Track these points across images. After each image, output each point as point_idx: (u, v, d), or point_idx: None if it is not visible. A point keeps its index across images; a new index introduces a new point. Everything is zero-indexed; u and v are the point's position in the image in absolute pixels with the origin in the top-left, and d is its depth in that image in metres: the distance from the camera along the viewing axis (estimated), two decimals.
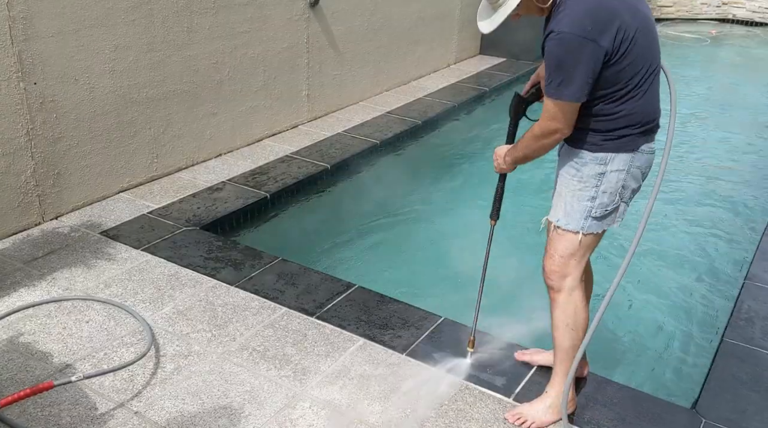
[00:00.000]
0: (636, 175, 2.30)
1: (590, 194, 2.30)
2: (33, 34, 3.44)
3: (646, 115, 2.24)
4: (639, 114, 2.22)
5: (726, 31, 10.90)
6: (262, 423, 2.42)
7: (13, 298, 3.07)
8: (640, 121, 2.23)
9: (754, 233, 4.32)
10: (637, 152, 2.25)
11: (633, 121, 2.22)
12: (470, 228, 4.34)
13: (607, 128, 2.23)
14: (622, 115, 2.21)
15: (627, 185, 2.30)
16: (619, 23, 2.09)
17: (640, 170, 2.31)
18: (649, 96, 2.23)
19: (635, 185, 2.33)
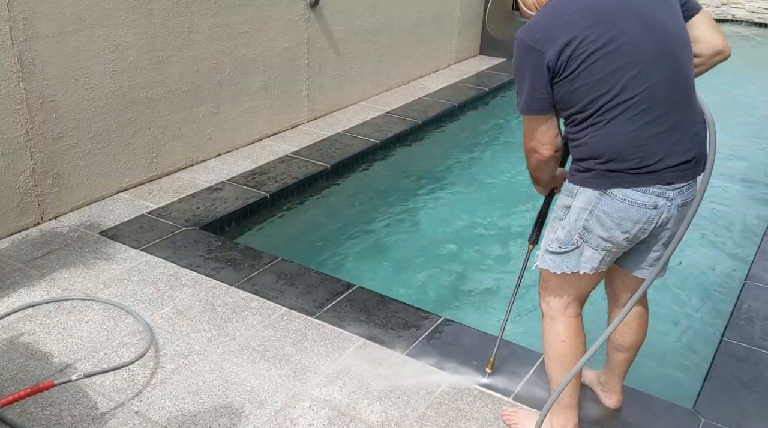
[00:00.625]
0: (605, 222, 1.98)
1: (554, 226, 2.13)
2: (33, 35, 3.44)
3: (615, 150, 1.91)
4: (602, 146, 1.92)
5: (725, 30, 10.90)
6: (263, 423, 2.42)
7: (12, 298, 3.07)
8: (603, 154, 1.93)
9: (755, 232, 4.32)
10: (604, 193, 1.96)
11: (596, 153, 1.94)
12: (470, 229, 4.35)
13: (575, 156, 2.02)
14: (582, 143, 1.96)
15: (590, 228, 2.01)
16: (572, 36, 1.86)
17: (611, 219, 1.97)
18: (625, 127, 1.89)
19: (605, 234, 2.00)
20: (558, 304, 2.22)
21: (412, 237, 4.19)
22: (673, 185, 1.97)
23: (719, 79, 8.18)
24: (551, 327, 2.24)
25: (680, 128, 1.95)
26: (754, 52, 9.90)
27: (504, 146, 5.86)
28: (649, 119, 1.90)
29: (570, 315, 2.22)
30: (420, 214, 4.51)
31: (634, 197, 1.95)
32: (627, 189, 1.95)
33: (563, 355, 2.21)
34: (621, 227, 1.99)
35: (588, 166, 1.98)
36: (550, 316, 2.24)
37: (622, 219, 1.98)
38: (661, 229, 2.04)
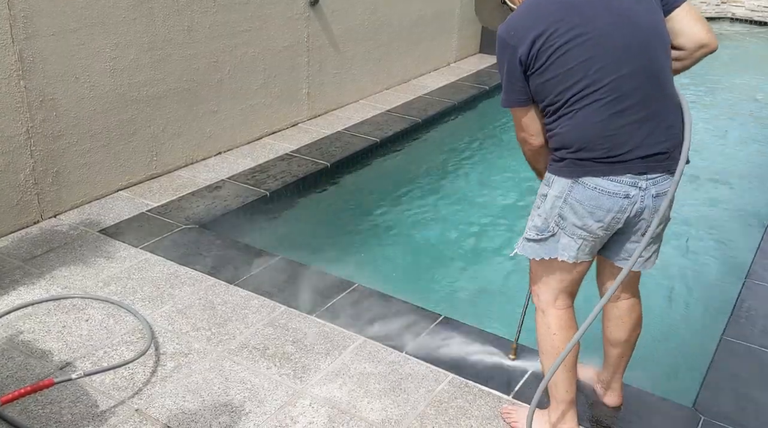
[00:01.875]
0: (578, 210, 2.04)
1: (533, 214, 2.19)
2: (34, 33, 3.44)
3: (584, 140, 1.97)
4: (572, 136, 1.98)
5: (724, 29, 10.90)
6: (263, 421, 2.43)
7: (12, 296, 3.07)
8: (573, 144, 1.99)
9: (755, 230, 4.32)
10: (576, 182, 2.01)
11: (567, 142, 2.00)
12: (471, 227, 4.35)
13: (551, 145, 2.09)
14: (556, 133, 2.03)
15: (564, 215, 2.07)
16: (542, 30, 1.93)
17: (583, 207, 2.02)
18: (593, 117, 1.94)
19: (578, 222, 2.05)
20: (547, 296, 2.25)
21: (413, 235, 4.19)
22: (645, 176, 2.01)
23: (719, 78, 8.18)
24: (543, 320, 2.26)
25: (653, 120, 1.98)
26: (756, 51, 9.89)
27: (504, 144, 5.86)
28: (618, 109, 1.95)
29: (560, 308, 2.25)
30: (420, 212, 4.51)
31: (604, 186, 2.00)
32: (597, 178, 2.00)
33: (555, 348, 2.23)
34: (594, 215, 2.04)
35: (561, 155, 2.05)
36: (541, 309, 2.27)
37: (593, 207, 2.02)
38: (636, 219, 2.08)
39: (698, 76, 8.24)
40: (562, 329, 2.23)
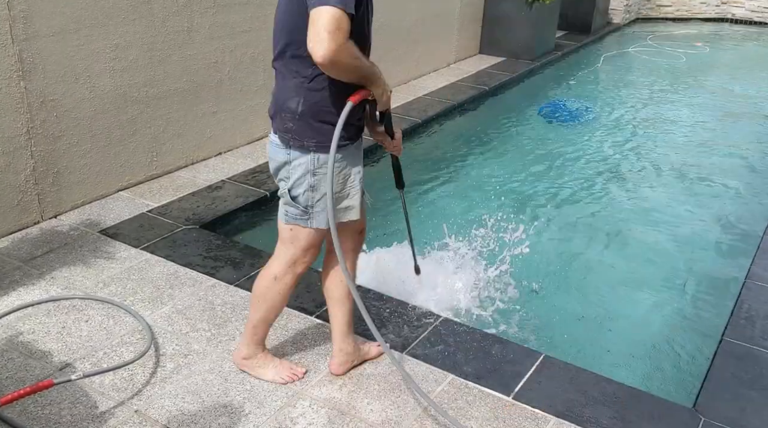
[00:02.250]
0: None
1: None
2: (33, 33, 3.44)
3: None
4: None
5: (724, 30, 10.90)
6: (262, 422, 2.42)
7: (12, 297, 3.07)
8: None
9: (755, 231, 4.32)
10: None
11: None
12: (469, 227, 4.35)
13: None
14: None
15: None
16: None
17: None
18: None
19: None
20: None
21: (415, 234, 4.18)
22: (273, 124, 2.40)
23: (719, 80, 8.19)
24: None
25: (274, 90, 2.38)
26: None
27: (504, 145, 5.87)
28: (277, 69, 2.35)
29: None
30: (420, 212, 4.50)
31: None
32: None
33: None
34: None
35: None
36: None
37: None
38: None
39: (698, 76, 8.25)
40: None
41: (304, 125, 2.27)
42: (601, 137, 6.12)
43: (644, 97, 7.37)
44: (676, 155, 5.77)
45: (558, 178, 5.22)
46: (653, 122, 6.58)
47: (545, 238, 4.26)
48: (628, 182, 5.18)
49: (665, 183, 5.17)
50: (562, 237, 4.28)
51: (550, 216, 4.58)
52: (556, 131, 6.20)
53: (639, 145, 5.96)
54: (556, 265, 3.95)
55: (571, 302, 3.60)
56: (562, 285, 3.76)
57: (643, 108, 6.99)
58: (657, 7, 11.27)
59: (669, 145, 6.00)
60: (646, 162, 5.57)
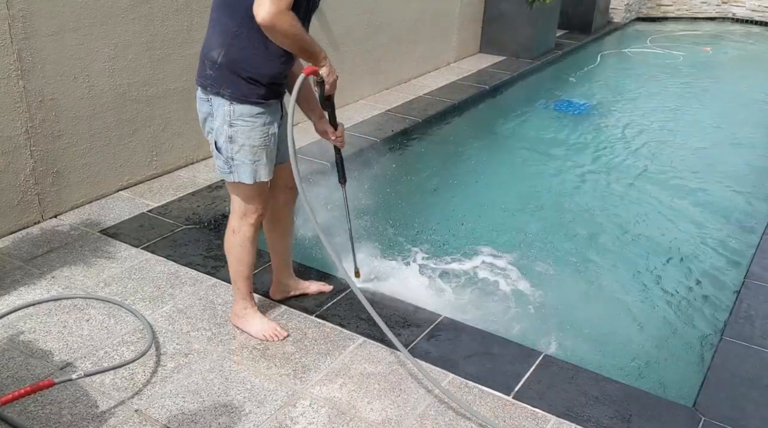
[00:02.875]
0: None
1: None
2: (32, 33, 3.44)
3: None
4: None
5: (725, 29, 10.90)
6: (263, 421, 2.43)
7: (12, 297, 3.07)
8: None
9: (755, 231, 4.32)
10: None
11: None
12: (470, 228, 4.35)
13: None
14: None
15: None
16: None
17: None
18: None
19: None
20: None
21: (411, 236, 4.19)
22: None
23: (720, 78, 8.18)
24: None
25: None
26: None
27: (504, 145, 5.87)
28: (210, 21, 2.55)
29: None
30: (420, 212, 4.51)
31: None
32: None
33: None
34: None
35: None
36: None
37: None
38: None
39: (698, 75, 8.25)
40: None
41: (222, 75, 2.47)
42: (602, 136, 6.12)
43: (647, 96, 7.37)
44: (677, 154, 5.76)
45: (558, 176, 5.22)
46: (655, 121, 6.58)
47: (545, 237, 4.26)
48: (628, 181, 5.18)
49: (666, 182, 5.17)
50: (562, 236, 4.28)
51: (550, 214, 4.58)
52: (557, 129, 6.20)
53: (640, 144, 5.96)
54: (556, 264, 3.96)
55: (571, 302, 3.60)
56: (562, 284, 3.76)
57: (645, 107, 6.99)
58: (657, 6, 11.26)
59: (670, 144, 6.00)
60: (647, 161, 5.57)
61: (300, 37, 2.37)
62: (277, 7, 2.25)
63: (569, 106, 6.76)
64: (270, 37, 2.35)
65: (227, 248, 2.79)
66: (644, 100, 7.21)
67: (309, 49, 2.46)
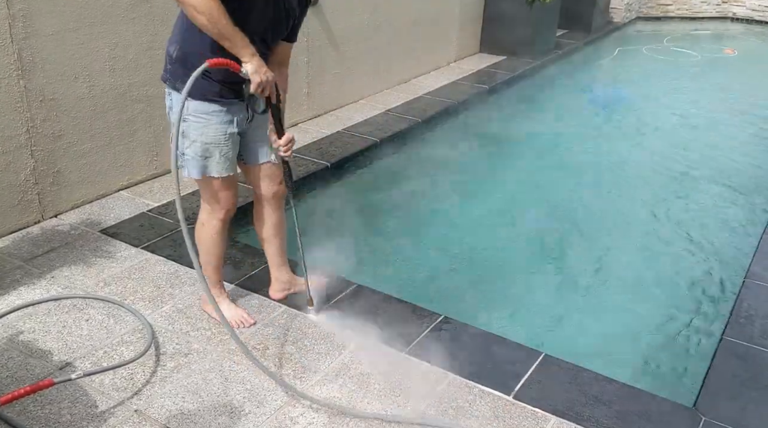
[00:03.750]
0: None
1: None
2: (33, 32, 3.44)
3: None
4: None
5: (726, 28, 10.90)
6: (262, 421, 2.42)
7: (12, 296, 3.07)
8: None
9: (754, 230, 4.32)
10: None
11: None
12: (470, 228, 4.35)
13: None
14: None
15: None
16: None
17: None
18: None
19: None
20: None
21: (412, 236, 4.19)
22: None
23: (723, 80, 8.17)
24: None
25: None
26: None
27: (505, 145, 5.86)
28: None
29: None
30: (420, 212, 4.51)
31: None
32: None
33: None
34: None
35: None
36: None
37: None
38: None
39: (698, 74, 8.25)
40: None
41: (176, 70, 2.52)
42: (603, 135, 6.12)
43: (651, 96, 7.37)
44: (678, 153, 5.76)
45: (558, 176, 5.21)
46: (658, 119, 6.58)
47: (545, 236, 4.26)
48: (629, 181, 5.18)
49: (666, 182, 5.16)
50: (562, 235, 4.28)
51: (550, 214, 4.58)
52: (559, 130, 6.20)
53: (641, 143, 5.96)
54: (556, 264, 3.96)
55: (571, 301, 3.61)
56: (562, 284, 3.76)
57: (650, 107, 6.99)
58: (658, 5, 11.26)
59: (671, 143, 5.99)
60: (648, 160, 5.57)
61: (216, 19, 2.29)
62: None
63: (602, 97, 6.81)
64: (186, 13, 2.36)
65: (197, 239, 2.84)
66: (650, 99, 7.21)
67: (230, 38, 2.34)
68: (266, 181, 2.83)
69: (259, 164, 2.79)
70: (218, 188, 2.70)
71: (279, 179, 2.83)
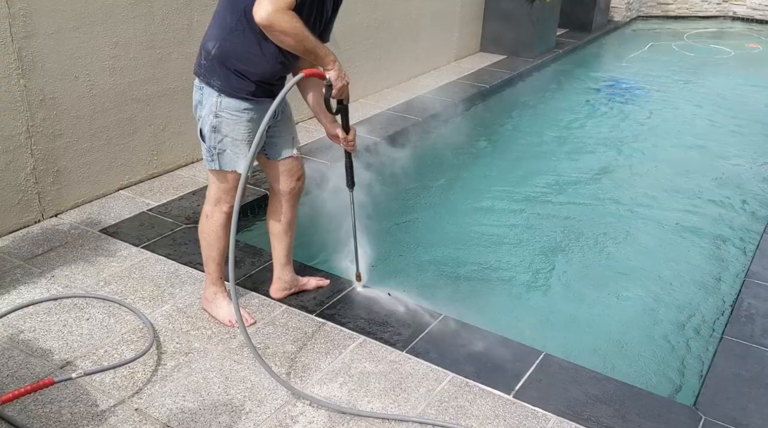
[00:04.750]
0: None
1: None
2: (33, 31, 3.44)
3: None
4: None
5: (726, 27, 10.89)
6: (263, 420, 2.43)
7: (12, 296, 3.07)
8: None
9: (755, 230, 4.32)
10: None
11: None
12: (470, 227, 4.35)
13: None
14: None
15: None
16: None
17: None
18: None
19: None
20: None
21: (413, 235, 4.19)
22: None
23: (725, 80, 8.17)
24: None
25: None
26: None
27: (504, 144, 5.86)
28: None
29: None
30: (420, 212, 4.51)
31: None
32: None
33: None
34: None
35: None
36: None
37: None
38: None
39: (698, 74, 8.24)
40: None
41: (212, 66, 2.55)
42: (604, 134, 6.11)
43: (655, 94, 7.36)
44: (679, 152, 5.76)
45: (557, 176, 5.21)
46: (661, 119, 6.57)
47: (545, 236, 4.25)
48: (630, 180, 5.18)
49: (668, 181, 5.16)
50: (562, 235, 4.28)
51: (549, 213, 4.58)
52: (556, 130, 6.19)
53: (642, 142, 5.95)
54: (557, 263, 3.95)
55: (571, 301, 3.61)
56: (563, 283, 3.76)
57: (654, 106, 6.99)
58: (658, 4, 11.26)
59: (672, 142, 5.99)
60: (650, 160, 5.56)
61: (302, 37, 2.39)
62: (275, 6, 2.29)
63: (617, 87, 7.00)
64: (269, 36, 2.39)
65: (200, 233, 2.87)
66: (654, 97, 7.21)
67: (314, 50, 2.46)
68: (285, 176, 2.84)
69: (280, 160, 2.81)
70: (234, 182, 2.71)
71: (297, 175, 2.86)
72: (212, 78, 2.56)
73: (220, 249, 2.88)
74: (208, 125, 2.62)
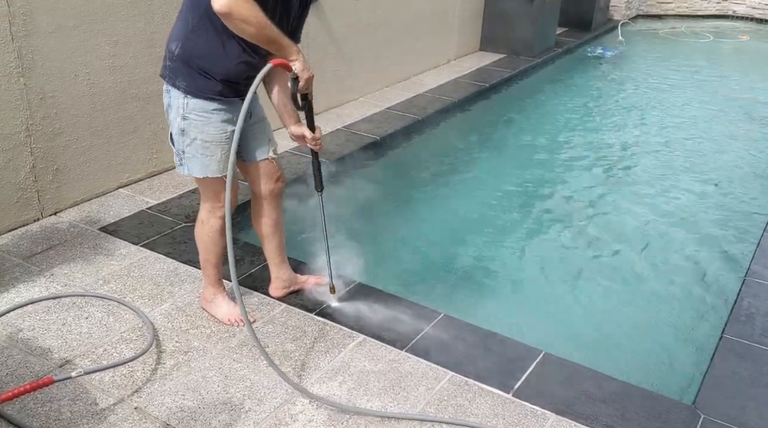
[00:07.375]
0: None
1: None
2: (33, 30, 3.43)
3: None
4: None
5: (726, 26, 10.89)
6: (262, 419, 2.43)
7: (11, 294, 3.07)
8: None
9: (755, 229, 4.31)
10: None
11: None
12: (468, 227, 4.35)
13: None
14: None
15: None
16: None
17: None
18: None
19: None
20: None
21: (411, 234, 4.19)
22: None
23: (729, 76, 8.17)
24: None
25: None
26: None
27: (504, 144, 5.86)
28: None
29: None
30: (419, 211, 4.51)
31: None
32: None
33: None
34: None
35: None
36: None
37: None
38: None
39: (697, 73, 8.24)
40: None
41: (176, 67, 2.52)
42: (604, 133, 6.12)
43: (653, 93, 7.36)
44: (679, 151, 5.76)
45: (556, 177, 5.21)
46: (661, 117, 6.57)
47: (544, 234, 4.26)
48: (629, 178, 5.18)
49: (667, 180, 5.16)
50: (562, 233, 4.28)
51: (548, 213, 4.58)
52: (553, 129, 6.20)
53: (642, 141, 5.96)
54: (556, 262, 3.96)
55: (570, 300, 3.61)
56: (562, 282, 3.76)
57: (651, 103, 6.99)
58: (658, 3, 11.25)
59: (672, 142, 5.99)
60: (650, 158, 5.56)
61: (263, 24, 2.33)
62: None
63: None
64: (229, 26, 2.33)
65: (196, 238, 2.87)
66: (652, 97, 7.21)
67: (277, 40, 2.41)
68: (264, 178, 2.82)
69: (257, 162, 2.79)
70: (219, 187, 2.69)
71: (276, 177, 2.85)
72: (177, 79, 2.53)
73: (218, 253, 2.87)
74: (176, 127, 2.60)
